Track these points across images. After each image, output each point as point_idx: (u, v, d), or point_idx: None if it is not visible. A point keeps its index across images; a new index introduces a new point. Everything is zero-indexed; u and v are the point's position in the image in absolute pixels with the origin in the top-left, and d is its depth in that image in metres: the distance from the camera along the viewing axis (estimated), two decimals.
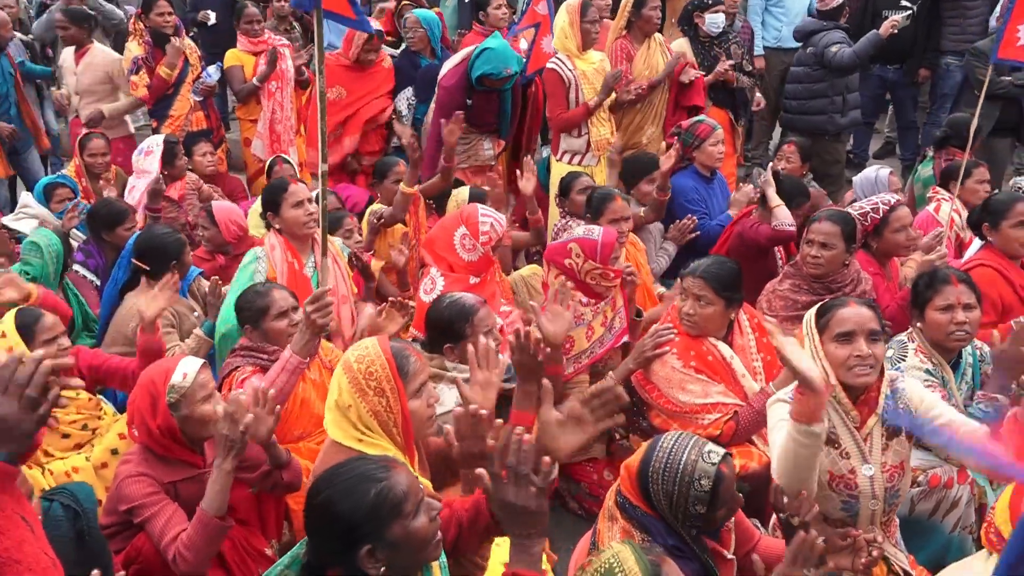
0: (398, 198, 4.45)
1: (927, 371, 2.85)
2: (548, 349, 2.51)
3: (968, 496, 2.82)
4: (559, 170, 5.06)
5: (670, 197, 4.62)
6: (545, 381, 2.00)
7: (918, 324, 2.94)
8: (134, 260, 3.73)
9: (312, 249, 3.67)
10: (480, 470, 1.74)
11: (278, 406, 2.54)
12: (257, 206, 4.30)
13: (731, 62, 5.76)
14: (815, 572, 1.98)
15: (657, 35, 5.41)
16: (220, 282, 3.67)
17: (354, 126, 5.62)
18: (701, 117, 4.96)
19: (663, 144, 5.18)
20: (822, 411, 2.14)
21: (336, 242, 3.89)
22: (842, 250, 3.54)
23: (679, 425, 3.03)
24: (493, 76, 4.92)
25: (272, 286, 3.20)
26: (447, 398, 2.80)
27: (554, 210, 4.87)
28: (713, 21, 5.68)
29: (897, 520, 2.58)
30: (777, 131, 7.35)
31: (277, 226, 3.66)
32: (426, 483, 2.13)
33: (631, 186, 4.75)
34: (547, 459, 1.67)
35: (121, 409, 3.29)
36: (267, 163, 4.89)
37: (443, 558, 1.85)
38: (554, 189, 4.88)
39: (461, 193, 4.57)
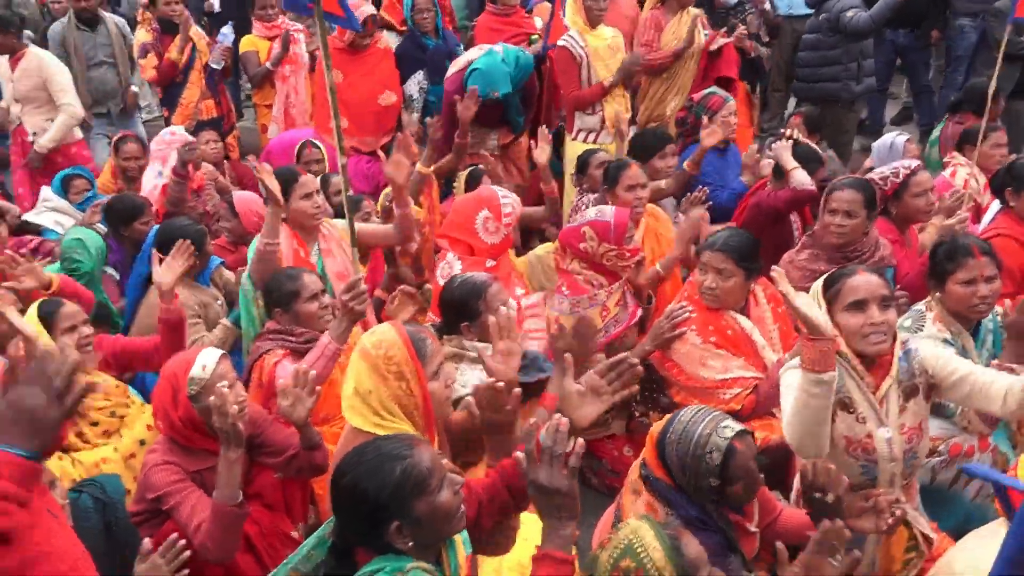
0: (413, 178, 4.44)
1: (945, 340, 2.83)
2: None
3: (990, 463, 2.81)
4: (574, 149, 5.03)
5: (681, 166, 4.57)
6: (567, 356, 2.03)
7: (937, 294, 2.91)
8: (155, 251, 3.76)
9: (318, 238, 3.70)
10: (517, 453, 1.77)
11: (318, 387, 2.58)
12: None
13: (745, 29, 5.69)
14: (840, 560, 1.97)
15: (692, 9, 5.34)
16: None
17: (357, 127, 5.59)
18: (713, 89, 4.90)
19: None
20: (832, 358, 2.13)
21: (338, 224, 3.90)
22: (864, 217, 3.51)
23: (699, 401, 3.03)
24: (481, 98, 4.88)
25: (302, 270, 3.25)
26: (469, 378, 2.82)
27: (570, 189, 4.85)
28: None
29: (917, 485, 2.57)
30: (793, 101, 7.26)
31: (283, 215, 3.68)
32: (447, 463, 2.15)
33: (643, 162, 4.71)
34: (581, 441, 1.71)
35: (148, 399, 3.34)
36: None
37: (464, 533, 1.88)
38: (569, 168, 4.86)
39: (460, 176, 4.61)
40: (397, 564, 1.64)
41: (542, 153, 4.38)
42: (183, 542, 2.26)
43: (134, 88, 6.32)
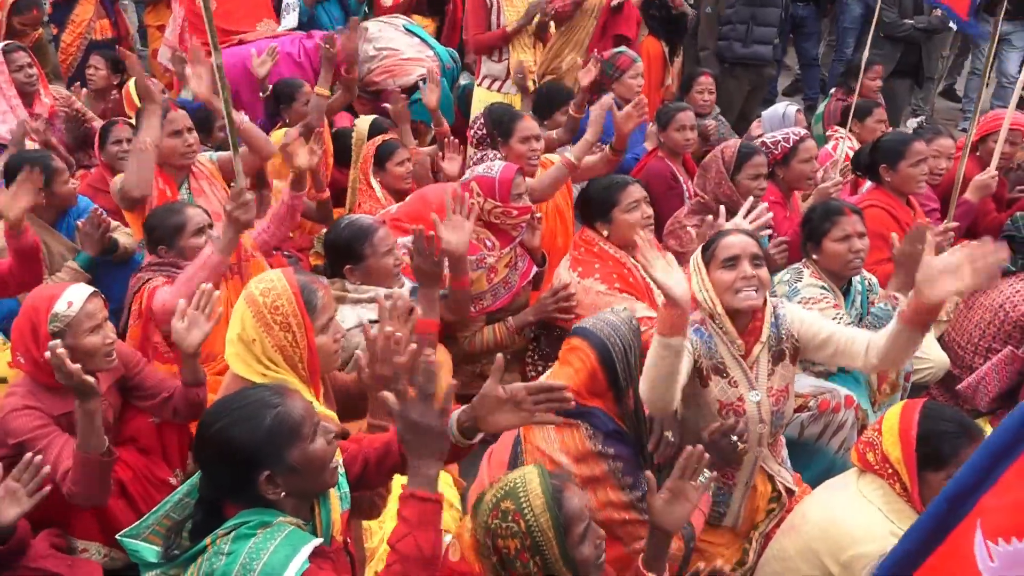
0: (315, 101, 4.32)
1: (822, 287, 3.02)
2: (447, 258, 2.63)
3: (853, 419, 2.99)
4: (480, 96, 4.97)
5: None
6: (499, 356, 1.88)
7: (814, 256, 3.07)
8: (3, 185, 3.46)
9: (188, 177, 3.54)
10: (386, 392, 1.73)
11: (220, 308, 2.46)
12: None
13: None
14: (704, 482, 2.04)
15: None
16: (102, 212, 3.43)
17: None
18: (622, 48, 4.91)
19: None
20: (683, 326, 2.19)
21: (204, 159, 3.74)
22: None
23: None
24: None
25: (184, 204, 3.08)
26: (348, 318, 2.78)
27: None
28: None
29: (783, 440, 2.72)
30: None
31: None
32: (332, 415, 2.12)
33: (545, 117, 4.70)
34: (453, 382, 1.70)
35: (6, 335, 3.12)
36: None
37: (345, 487, 1.86)
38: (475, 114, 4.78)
39: (362, 124, 4.47)
40: (263, 518, 1.60)
41: (451, 164, 4.24)
42: (39, 458, 2.14)
43: None
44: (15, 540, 2.23)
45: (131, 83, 4.60)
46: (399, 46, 5.31)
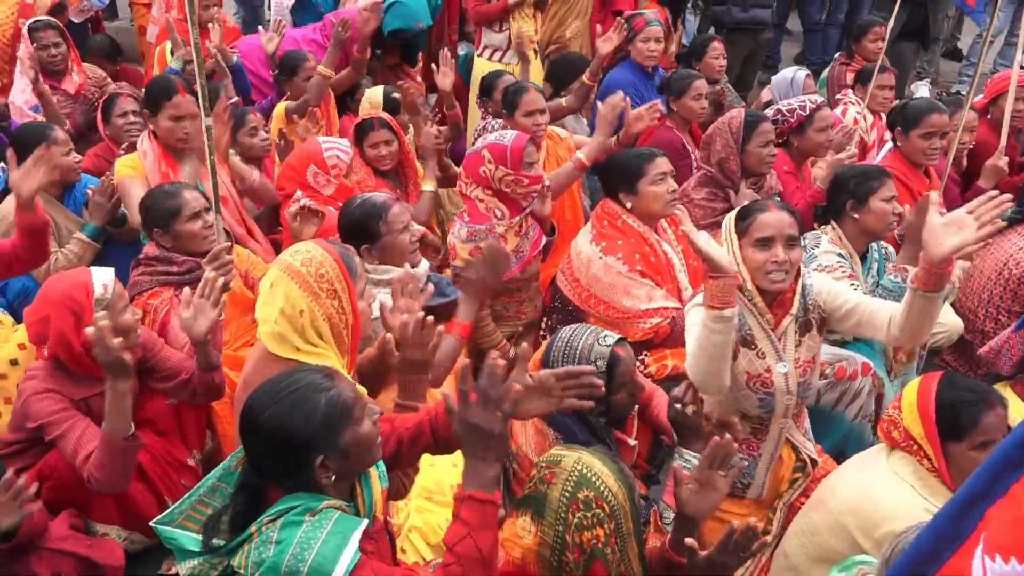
0: (315, 79, 4.28)
1: (839, 255, 3.00)
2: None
3: (869, 387, 2.98)
4: (481, 67, 4.88)
5: (603, 91, 4.45)
6: (524, 345, 1.87)
7: (855, 215, 3.04)
8: (12, 153, 3.38)
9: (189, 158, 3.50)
10: (447, 392, 1.72)
11: (224, 297, 2.44)
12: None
13: None
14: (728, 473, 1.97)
15: None
16: (111, 180, 3.40)
17: None
18: (642, 10, 4.82)
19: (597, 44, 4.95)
20: (733, 295, 2.15)
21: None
22: None
23: (617, 331, 3.04)
24: (405, 32, 4.81)
25: (182, 186, 3.01)
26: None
27: (475, 110, 4.71)
28: None
29: (806, 411, 2.69)
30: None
31: (153, 128, 3.48)
32: (363, 390, 2.10)
33: (562, 87, 4.60)
34: (517, 387, 1.64)
35: (16, 316, 3.09)
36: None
37: (382, 466, 1.84)
38: (475, 87, 4.71)
39: (374, 94, 4.38)
40: (309, 504, 1.58)
41: (444, 79, 4.18)
42: (22, 480, 2.15)
43: None
44: (26, 531, 2.23)
45: (167, 44, 4.57)
46: None
